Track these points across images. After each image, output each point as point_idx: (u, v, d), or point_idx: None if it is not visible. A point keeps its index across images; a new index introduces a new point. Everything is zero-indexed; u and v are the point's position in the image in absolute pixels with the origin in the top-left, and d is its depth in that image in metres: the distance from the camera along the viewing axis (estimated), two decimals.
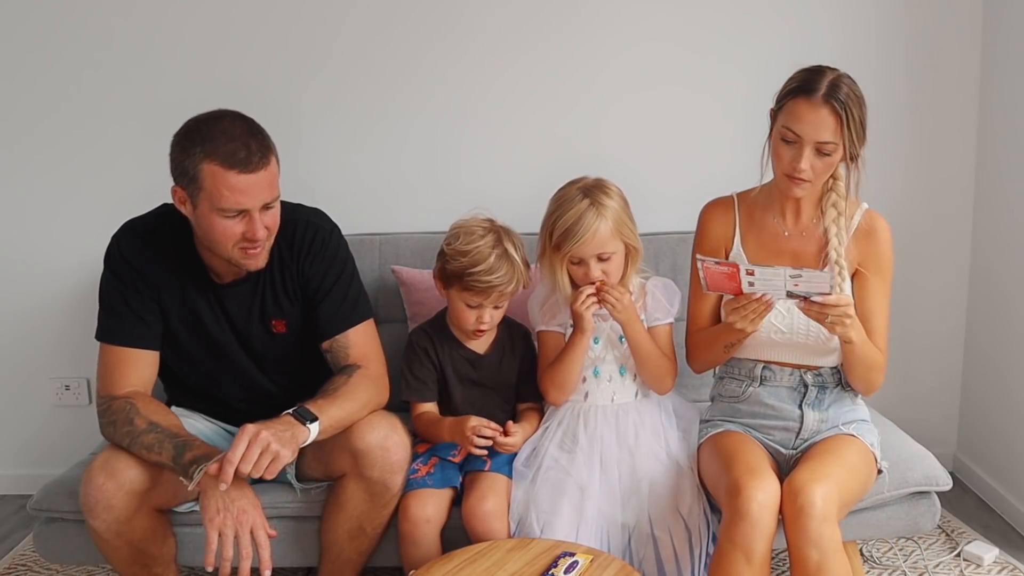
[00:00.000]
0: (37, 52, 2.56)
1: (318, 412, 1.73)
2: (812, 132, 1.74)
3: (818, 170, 1.78)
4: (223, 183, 1.68)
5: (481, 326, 1.99)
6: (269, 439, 1.61)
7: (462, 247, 1.94)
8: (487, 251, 1.93)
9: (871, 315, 1.87)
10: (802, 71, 1.79)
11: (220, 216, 1.71)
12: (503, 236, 1.97)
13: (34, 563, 2.38)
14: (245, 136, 1.70)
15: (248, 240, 1.74)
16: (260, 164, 1.70)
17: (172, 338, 1.91)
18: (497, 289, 1.93)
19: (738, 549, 1.64)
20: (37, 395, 2.76)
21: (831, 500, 1.65)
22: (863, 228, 1.88)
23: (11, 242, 2.67)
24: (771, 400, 1.91)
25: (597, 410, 2.01)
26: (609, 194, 1.95)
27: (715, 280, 1.72)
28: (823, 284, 1.66)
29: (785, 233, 1.91)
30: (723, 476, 1.75)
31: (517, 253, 1.97)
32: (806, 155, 1.75)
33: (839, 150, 1.75)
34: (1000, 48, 2.49)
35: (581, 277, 1.95)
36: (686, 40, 2.55)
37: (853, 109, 1.73)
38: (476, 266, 1.91)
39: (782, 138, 1.78)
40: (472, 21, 2.55)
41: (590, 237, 1.90)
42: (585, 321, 1.93)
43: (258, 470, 1.61)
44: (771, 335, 1.87)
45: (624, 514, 1.87)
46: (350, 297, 1.94)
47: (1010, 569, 2.24)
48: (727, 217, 1.95)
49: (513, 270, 1.95)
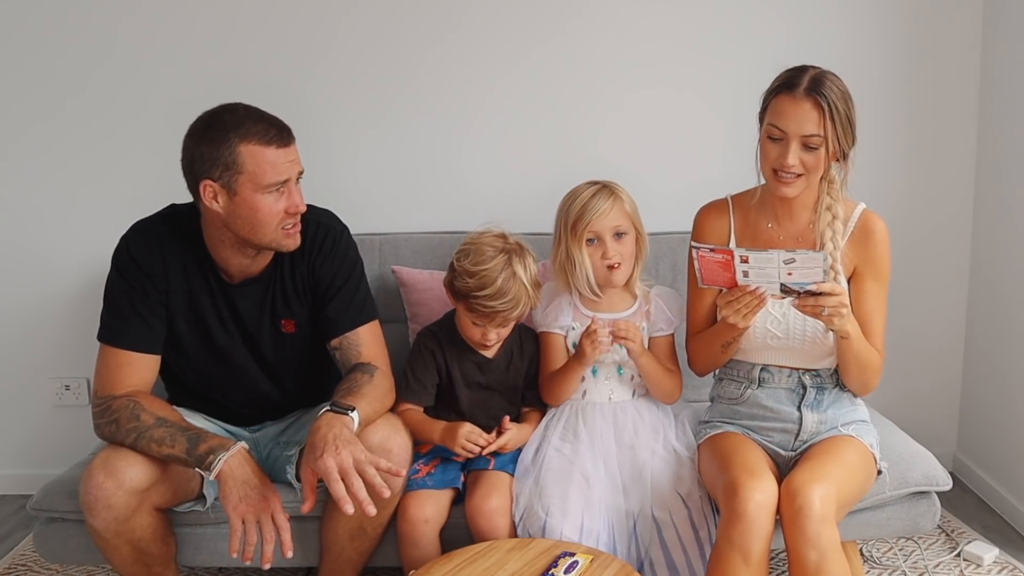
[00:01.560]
0: (40, 50, 2.56)
1: (354, 405, 1.74)
2: (796, 126, 1.74)
3: (807, 165, 1.77)
4: (264, 159, 1.73)
5: (486, 342, 2.00)
6: (350, 458, 1.62)
7: (470, 267, 1.92)
8: (494, 275, 1.90)
9: (868, 317, 1.87)
10: (786, 70, 1.80)
11: (263, 194, 1.75)
12: (514, 257, 1.94)
13: (34, 563, 2.38)
14: (267, 117, 1.78)
15: (290, 215, 1.79)
16: (289, 138, 1.79)
17: (176, 340, 1.91)
18: (501, 315, 1.93)
19: (736, 549, 1.64)
20: (37, 395, 2.76)
21: (829, 501, 1.65)
22: (860, 230, 1.87)
23: (11, 242, 2.67)
24: (769, 402, 1.91)
25: (595, 407, 2.03)
26: (620, 186, 2.02)
27: (710, 271, 1.72)
28: (816, 266, 1.65)
29: (780, 238, 1.90)
30: (721, 476, 1.76)
31: (527, 275, 1.93)
32: (792, 150, 1.75)
33: (825, 144, 1.75)
34: (1000, 49, 2.49)
35: (598, 261, 1.98)
36: (687, 41, 2.55)
37: (837, 103, 1.73)
38: (482, 289, 1.90)
39: (768, 136, 1.79)
40: (472, 23, 2.55)
41: (607, 209, 1.96)
42: (587, 357, 1.95)
43: (369, 477, 1.62)
44: (767, 340, 1.87)
45: (628, 502, 1.88)
46: (359, 296, 1.95)
47: (1010, 569, 2.24)
48: (722, 221, 1.95)
49: (519, 296, 1.92)
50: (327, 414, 1.71)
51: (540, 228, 2.28)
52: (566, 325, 2.05)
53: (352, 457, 1.62)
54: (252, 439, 2.05)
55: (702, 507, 1.85)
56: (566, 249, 2.00)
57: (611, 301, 2.06)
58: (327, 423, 1.68)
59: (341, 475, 1.60)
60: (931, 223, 2.66)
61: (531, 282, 1.95)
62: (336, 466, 1.60)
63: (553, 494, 1.85)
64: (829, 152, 1.76)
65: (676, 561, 1.80)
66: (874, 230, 1.87)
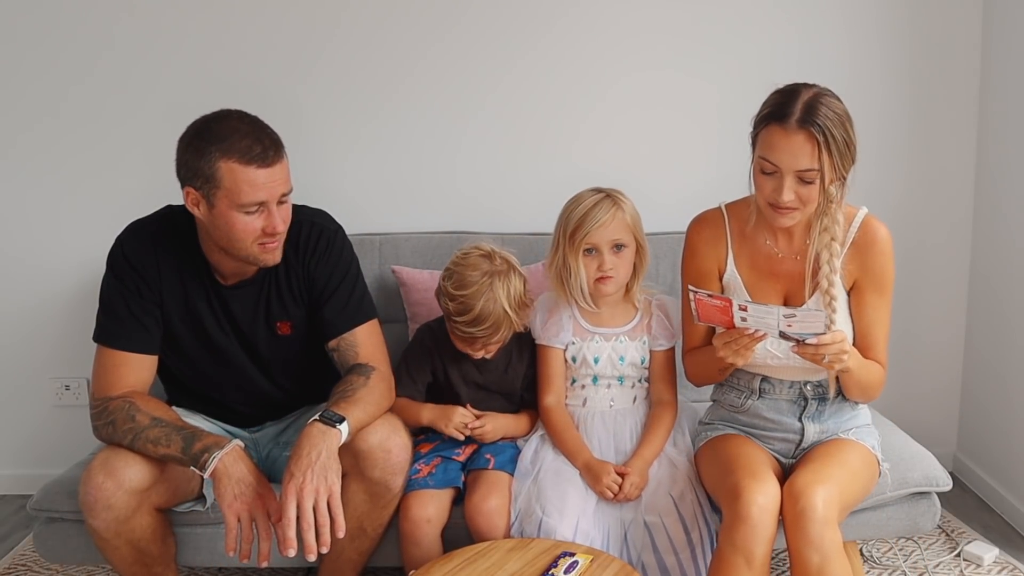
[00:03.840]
0: (37, 51, 2.56)
1: (344, 414, 1.73)
2: (790, 161, 1.63)
3: (804, 198, 1.67)
4: (243, 179, 1.69)
5: (475, 355, 1.99)
6: (312, 487, 1.60)
7: (452, 290, 1.91)
8: (474, 302, 1.88)
9: (871, 328, 1.82)
10: (775, 93, 1.69)
11: (240, 212, 1.72)
12: (497, 280, 1.91)
13: (34, 563, 2.38)
14: (257, 132, 1.73)
15: (267, 234, 1.76)
16: (275, 158, 1.73)
17: (173, 341, 1.90)
18: (480, 340, 1.93)
19: (738, 552, 1.63)
20: (37, 395, 2.76)
21: (832, 503, 1.65)
22: (861, 238, 1.79)
23: (11, 242, 2.67)
24: (771, 414, 1.88)
25: (595, 416, 2.02)
26: (624, 196, 1.98)
27: (707, 312, 1.66)
28: (818, 324, 1.57)
29: (779, 255, 1.84)
30: (724, 479, 1.75)
31: (509, 300, 1.90)
32: (787, 185, 1.65)
33: (821, 175, 1.64)
34: (1000, 50, 2.49)
35: (594, 271, 1.95)
36: (687, 40, 2.55)
37: (834, 131, 1.61)
38: (461, 315, 1.90)
39: (761, 170, 1.68)
40: (471, 22, 2.54)
41: (608, 220, 1.91)
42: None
43: (322, 522, 1.60)
44: (767, 360, 1.83)
45: (621, 509, 1.88)
46: (355, 296, 1.94)
47: (1010, 569, 2.24)
48: (718, 235, 1.86)
49: (500, 323, 1.90)
50: (315, 425, 1.69)
51: (539, 228, 2.28)
52: (566, 340, 2.03)
53: (315, 495, 1.60)
54: (251, 439, 2.05)
55: (694, 508, 1.84)
56: (563, 256, 1.97)
57: (612, 314, 2.04)
58: (310, 441, 1.66)
59: (299, 513, 1.59)
60: (931, 224, 2.66)
61: (515, 306, 1.92)
62: (295, 502, 1.59)
63: (551, 494, 1.85)
64: (826, 181, 1.66)
65: (668, 564, 1.80)
66: (875, 239, 1.78)
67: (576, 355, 2.02)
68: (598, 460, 1.93)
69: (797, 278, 1.82)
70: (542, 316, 2.05)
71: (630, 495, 1.87)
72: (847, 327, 1.82)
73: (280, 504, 1.62)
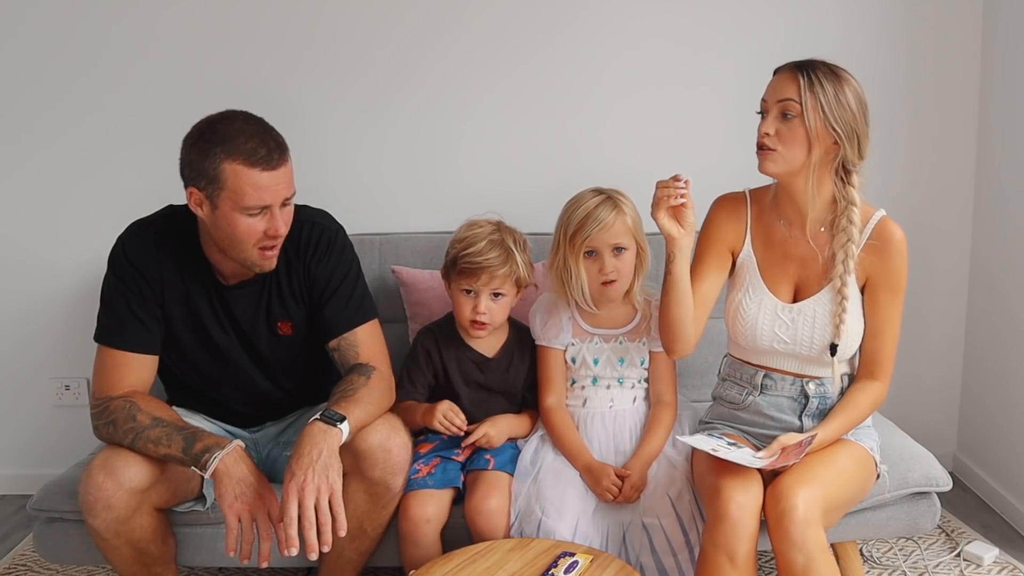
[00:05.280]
0: (36, 50, 2.56)
1: (345, 413, 1.73)
2: (772, 93, 1.74)
3: (784, 136, 1.71)
4: (247, 181, 1.69)
5: (478, 316, 1.98)
6: (314, 486, 1.61)
7: (461, 234, 2.02)
8: (482, 236, 1.98)
9: (880, 329, 1.83)
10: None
11: (243, 214, 1.72)
12: (504, 229, 2.02)
13: (34, 563, 2.38)
14: (262, 134, 1.72)
15: (269, 237, 1.76)
16: (280, 161, 1.73)
17: (174, 341, 1.90)
18: (488, 271, 1.94)
19: (720, 551, 1.63)
20: (37, 395, 2.76)
21: (814, 503, 1.64)
22: (876, 238, 1.80)
23: (11, 242, 2.67)
24: (771, 411, 1.88)
25: (595, 416, 2.02)
26: (625, 197, 1.99)
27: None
28: (793, 459, 1.69)
29: (793, 238, 1.85)
30: (707, 478, 1.75)
31: (515, 246, 2.00)
32: (770, 119, 1.73)
33: (804, 117, 1.68)
34: (1000, 49, 2.49)
35: (595, 274, 1.95)
36: (688, 39, 2.55)
37: (823, 80, 1.69)
38: (469, 248, 1.97)
39: (757, 113, 1.77)
40: (471, 23, 2.55)
41: (609, 223, 1.93)
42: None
43: (323, 520, 1.61)
44: (774, 344, 1.84)
45: (620, 512, 1.88)
46: (356, 296, 1.94)
47: (1010, 569, 2.24)
48: (738, 214, 1.89)
49: (506, 255, 1.97)
50: (316, 424, 1.69)
51: (540, 228, 2.27)
52: (566, 342, 2.04)
53: (317, 493, 1.60)
54: (252, 439, 2.05)
55: (692, 509, 1.85)
56: (563, 258, 1.98)
57: (611, 315, 2.04)
58: (311, 440, 1.66)
59: (300, 511, 1.59)
60: (931, 223, 2.66)
61: (520, 252, 2.00)
62: (296, 501, 1.59)
63: (551, 495, 1.85)
64: (812, 129, 1.69)
65: (667, 566, 1.80)
66: (891, 240, 1.80)
67: (576, 356, 2.02)
68: (598, 462, 1.93)
69: (809, 262, 1.84)
70: (542, 317, 2.06)
71: (630, 498, 1.87)
72: (859, 327, 1.83)
73: (281, 504, 1.62)
